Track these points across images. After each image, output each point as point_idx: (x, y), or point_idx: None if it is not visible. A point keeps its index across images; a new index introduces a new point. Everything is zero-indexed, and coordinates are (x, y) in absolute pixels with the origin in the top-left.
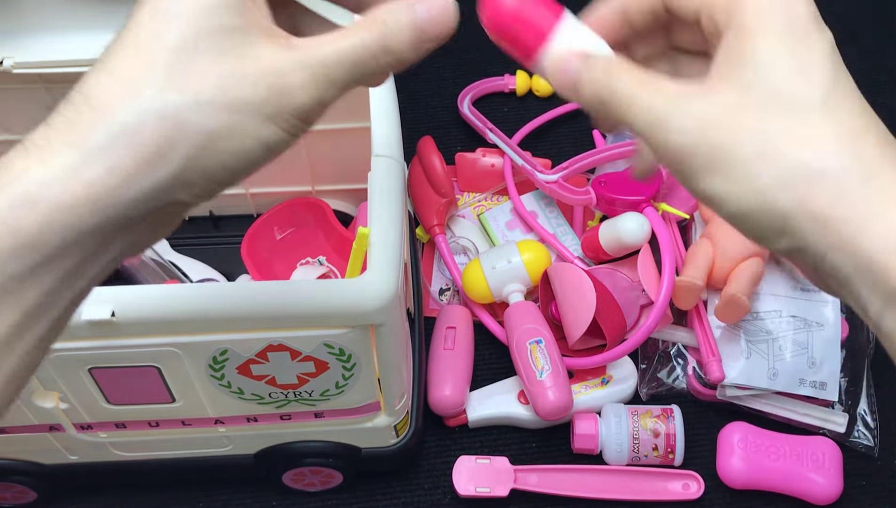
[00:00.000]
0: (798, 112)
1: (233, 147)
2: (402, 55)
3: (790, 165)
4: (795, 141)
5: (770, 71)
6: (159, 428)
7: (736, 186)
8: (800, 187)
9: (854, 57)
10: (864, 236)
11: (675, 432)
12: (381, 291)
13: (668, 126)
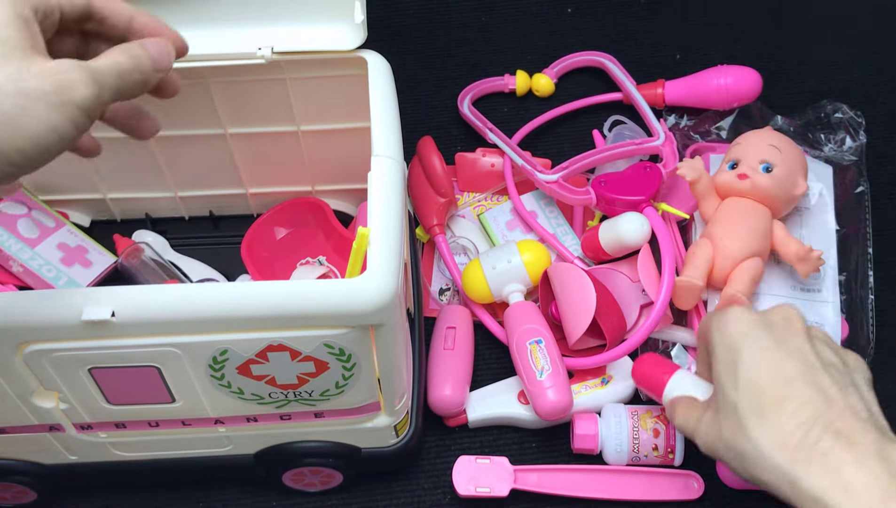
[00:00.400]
0: (731, 413)
1: (27, 132)
2: (147, 75)
3: (735, 453)
4: (733, 436)
5: (719, 389)
6: (159, 428)
7: (730, 465)
8: (743, 464)
9: (854, 57)
10: (780, 487)
11: (675, 431)
12: (381, 291)
13: (695, 440)
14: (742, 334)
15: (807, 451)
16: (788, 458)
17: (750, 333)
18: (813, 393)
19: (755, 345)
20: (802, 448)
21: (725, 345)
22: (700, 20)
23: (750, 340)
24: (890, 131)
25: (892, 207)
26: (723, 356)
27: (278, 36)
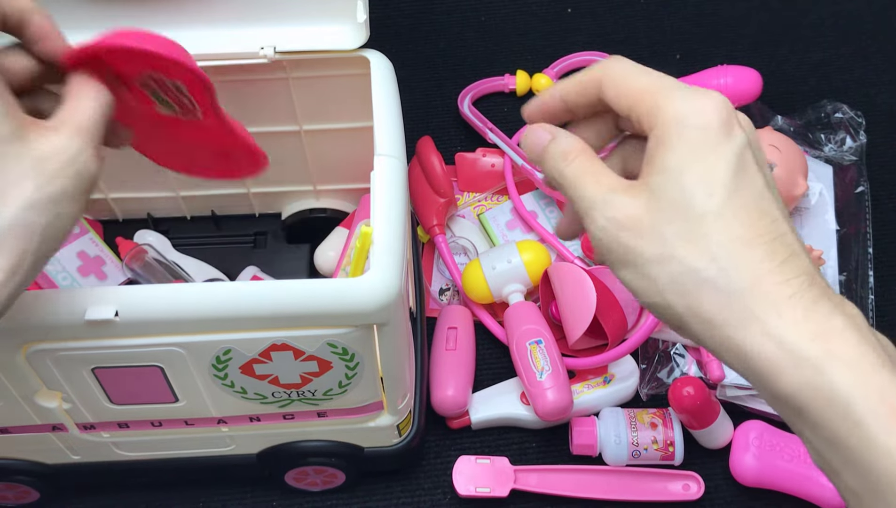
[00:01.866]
0: (693, 223)
1: (60, 233)
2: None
3: (682, 272)
4: (688, 249)
5: (674, 183)
6: (162, 428)
7: (641, 283)
8: (689, 292)
9: (854, 58)
10: (744, 341)
11: (672, 422)
12: (384, 290)
13: (594, 220)
14: (741, 142)
15: (802, 309)
16: (774, 309)
17: (746, 145)
18: (799, 247)
19: (749, 159)
20: (797, 304)
21: (707, 136)
22: (700, 20)
23: (746, 153)
24: (890, 131)
25: (892, 207)
26: (697, 146)
27: (281, 36)
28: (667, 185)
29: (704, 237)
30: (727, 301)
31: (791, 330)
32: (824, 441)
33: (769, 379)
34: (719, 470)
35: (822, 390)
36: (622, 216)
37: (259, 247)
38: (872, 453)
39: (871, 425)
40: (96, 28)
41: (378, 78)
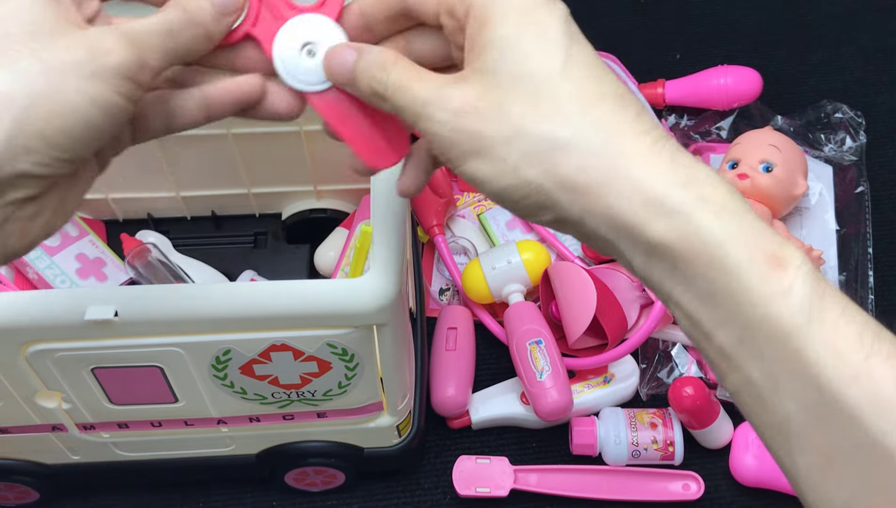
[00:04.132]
0: (537, 89)
1: (64, 107)
2: (208, 25)
3: (535, 141)
4: (537, 117)
5: (508, 54)
6: (162, 428)
7: (491, 167)
8: (546, 160)
9: (854, 58)
10: (610, 197)
11: (672, 422)
12: (383, 290)
13: (431, 117)
14: (564, 10)
15: (657, 157)
16: (638, 160)
17: (569, 13)
18: (642, 103)
19: (574, 26)
20: (652, 153)
21: (529, 6)
22: (700, 20)
23: (570, 19)
24: (890, 131)
25: (892, 207)
26: (522, 17)
27: None
28: (501, 59)
29: (553, 100)
30: (589, 161)
31: (659, 180)
32: (698, 297)
33: (641, 234)
34: (719, 470)
35: (694, 237)
36: (460, 104)
37: (259, 247)
38: (746, 300)
39: (744, 270)
40: None
41: None
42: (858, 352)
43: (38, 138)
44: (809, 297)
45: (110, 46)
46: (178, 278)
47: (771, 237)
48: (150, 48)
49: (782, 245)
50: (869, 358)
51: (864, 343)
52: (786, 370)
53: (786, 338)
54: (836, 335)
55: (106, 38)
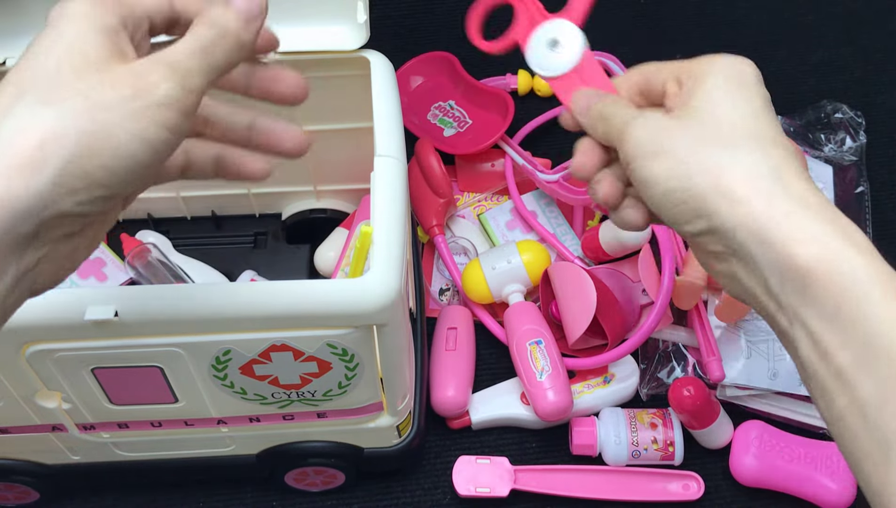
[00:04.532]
0: (728, 127)
1: (111, 146)
2: (238, 35)
3: (715, 156)
4: (722, 142)
5: (714, 102)
6: (162, 429)
7: (667, 168)
8: (717, 173)
9: (854, 58)
10: (766, 216)
11: (672, 422)
12: (383, 291)
13: (634, 126)
14: (757, 76)
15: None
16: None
17: (760, 84)
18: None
19: (767, 99)
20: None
21: (739, 74)
22: (700, 20)
23: (763, 90)
24: (890, 131)
25: (892, 207)
26: (732, 85)
27: (281, 36)
28: (706, 103)
29: (738, 135)
30: (756, 181)
31: (812, 213)
32: (825, 319)
33: (788, 254)
34: (719, 470)
35: (834, 263)
36: (662, 123)
37: (259, 247)
38: (874, 324)
39: (878, 302)
40: None
41: (378, 78)
42: None
43: (83, 178)
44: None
45: (155, 80)
46: (178, 278)
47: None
48: (190, 72)
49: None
50: None
51: None
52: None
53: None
54: None
55: (150, 73)
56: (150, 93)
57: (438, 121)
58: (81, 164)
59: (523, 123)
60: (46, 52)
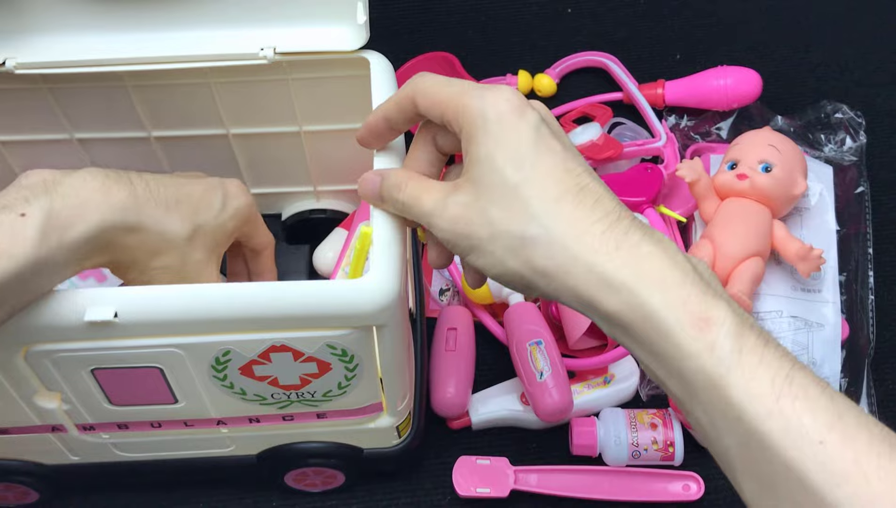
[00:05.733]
0: (510, 196)
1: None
2: None
3: (511, 239)
4: (511, 219)
5: (489, 166)
6: (161, 429)
7: (484, 260)
8: (521, 254)
9: (854, 58)
10: (572, 280)
11: (672, 423)
12: (383, 291)
13: (435, 225)
14: (535, 120)
15: (612, 241)
16: (590, 246)
17: (540, 121)
18: (603, 191)
19: (545, 132)
20: (607, 238)
21: (504, 123)
22: (700, 20)
23: (541, 127)
24: (890, 131)
25: (892, 207)
26: (498, 134)
27: (281, 36)
28: (482, 173)
29: (522, 204)
30: (553, 252)
31: (607, 263)
32: (648, 355)
33: (597, 306)
34: (719, 470)
35: (637, 309)
36: (455, 213)
37: None
38: (681, 358)
39: (677, 333)
40: (98, 28)
41: (378, 79)
42: (770, 395)
43: None
44: (730, 350)
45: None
46: None
47: (699, 299)
48: None
49: (710, 306)
50: (779, 399)
51: (775, 386)
52: (719, 412)
53: (714, 386)
54: (751, 382)
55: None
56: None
57: None
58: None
59: None
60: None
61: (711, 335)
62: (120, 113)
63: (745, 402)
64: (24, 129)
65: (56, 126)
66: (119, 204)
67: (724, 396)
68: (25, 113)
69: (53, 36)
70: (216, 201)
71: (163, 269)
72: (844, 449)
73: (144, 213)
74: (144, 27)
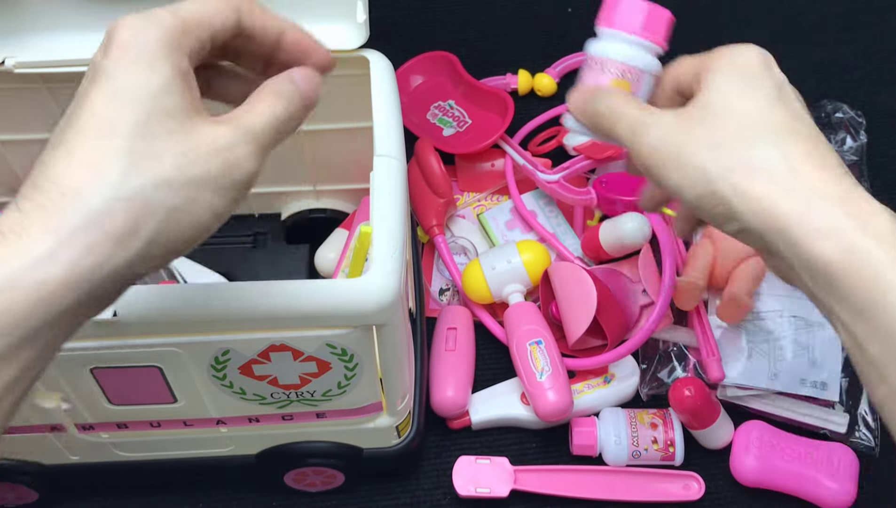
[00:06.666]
0: (742, 124)
1: (191, 220)
2: (300, 118)
3: (732, 161)
4: (738, 143)
5: (723, 95)
6: (161, 429)
7: (687, 177)
8: (737, 177)
9: (854, 58)
10: (788, 217)
11: (672, 422)
12: (383, 291)
13: (643, 133)
14: (780, 78)
15: (841, 189)
16: (814, 188)
17: (784, 81)
18: (834, 155)
19: (790, 91)
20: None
21: (745, 63)
22: (700, 20)
23: (784, 86)
24: (890, 131)
25: (892, 206)
26: (758, 72)
27: None
28: (716, 99)
29: (755, 133)
30: (773, 186)
31: (831, 207)
32: (855, 312)
33: (809, 251)
34: (719, 470)
35: (854, 257)
36: (671, 128)
37: (259, 247)
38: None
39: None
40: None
41: (378, 78)
42: None
43: (163, 247)
44: None
45: (240, 155)
46: (175, 278)
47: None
48: (267, 146)
49: None
50: None
51: None
52: None
53: None
54: None
55: (236, 147)
56: (236, 170)
57: (438, 120)
58: (167, 235)
59: (523, 123)
60: (131, 98)
61: None
62: None
63: None
64: (23, 128)
65: (55, 126)
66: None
67: None
68: (24, 112)
69: (52, 35)
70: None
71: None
72: None
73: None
74: None
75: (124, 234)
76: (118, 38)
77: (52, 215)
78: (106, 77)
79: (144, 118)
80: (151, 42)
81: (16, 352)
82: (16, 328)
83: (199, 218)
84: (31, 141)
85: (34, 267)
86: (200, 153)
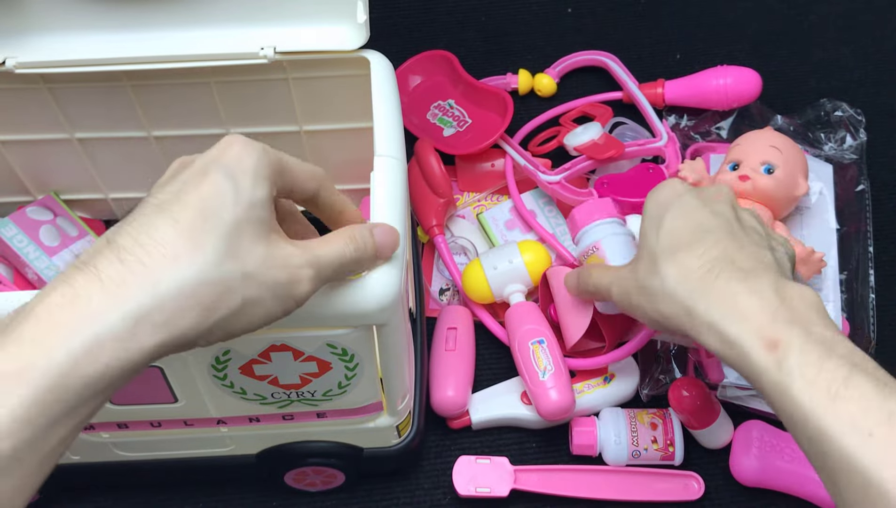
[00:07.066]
0: (650, 262)
1: (252, 314)
2: (367, 266)
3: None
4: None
5: (648, 247)
6: (161, 429)
7: (648, 319)
8: (675, 319)
9: (854, 58)
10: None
11: (672, 422)
12: (383, 291)
13: (610, 293)
14: (674, 194)
15: (707, 283)
16: (688, 289)
17: (681, 195)
18: (728, 242)
19: (683, 203)
20: (704, 281)
21: (655, 203)
22: (700, 20)
23: (680, 199)
24: (890, 130)
25: (892, 205)
26: (651, 213)
27: (281, 36)
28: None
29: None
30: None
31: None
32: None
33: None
34: (719, 470)
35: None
36: (624, 285)
37: None
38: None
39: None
40: (98, 28)
41: (378, 78)
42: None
43: (222, 331)
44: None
45: (304, 276)
46: None
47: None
48: (323, 279)
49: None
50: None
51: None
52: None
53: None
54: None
55: (303, 268)
56: (296, 286)
57: (438, 120)
58: (230, 322)
59: (523, 123)
60: (236, 200)
61: (779, 354)
62: (119, 113)
63: (808, 406)
64: (23, 128)
65: (56, 126)
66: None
67: (792, 402)
68: (25, 112)
69: (53, 35)
70: (223, 186)
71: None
72: (890, 440)
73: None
74: (144, 27)
75: (210, 307)
76: (236, 149)
77: (154, 271)
78: (222, 175)
79: (244, 219)
80: (262, 166)
81: (76, 410)
82: (99, 381)
83: (256, 315)
84: (31, 141)
85: (121, 331)
86: (276, 263)
